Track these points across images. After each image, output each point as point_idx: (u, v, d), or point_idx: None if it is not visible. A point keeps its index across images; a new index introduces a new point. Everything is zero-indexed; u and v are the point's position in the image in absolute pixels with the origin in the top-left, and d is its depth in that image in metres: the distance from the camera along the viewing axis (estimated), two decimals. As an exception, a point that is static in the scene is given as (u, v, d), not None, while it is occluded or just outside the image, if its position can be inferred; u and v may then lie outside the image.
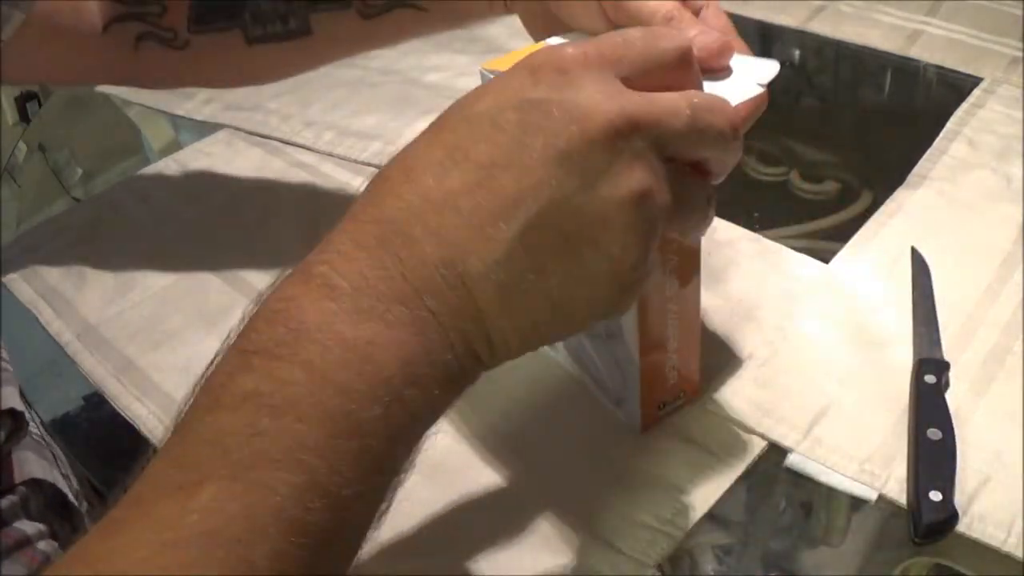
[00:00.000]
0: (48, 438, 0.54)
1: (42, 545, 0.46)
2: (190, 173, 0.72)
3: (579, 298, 0.35)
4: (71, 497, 0.51)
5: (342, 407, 0.31)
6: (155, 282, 0.63)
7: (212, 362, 0.33)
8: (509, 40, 0.80)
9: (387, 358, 0.32)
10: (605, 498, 0.46)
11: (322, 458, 0.30)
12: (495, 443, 0.50)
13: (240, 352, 0.32)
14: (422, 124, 0.36)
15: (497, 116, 0.34)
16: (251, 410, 0.30)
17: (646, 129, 0.34)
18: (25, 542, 0.45)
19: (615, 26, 0.44)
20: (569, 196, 0.33)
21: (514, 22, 0.52)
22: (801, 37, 0.81)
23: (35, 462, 0.49)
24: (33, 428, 0.52)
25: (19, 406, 0.47)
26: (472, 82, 0.38)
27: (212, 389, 0.32)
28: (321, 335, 0.31)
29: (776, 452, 0.48)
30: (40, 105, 1.59)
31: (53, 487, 0.49)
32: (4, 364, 0.49)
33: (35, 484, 0.48)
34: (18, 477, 0.47)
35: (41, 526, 0.47)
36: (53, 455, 0.53)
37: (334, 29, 0.56)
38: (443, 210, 0.33)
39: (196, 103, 0.79)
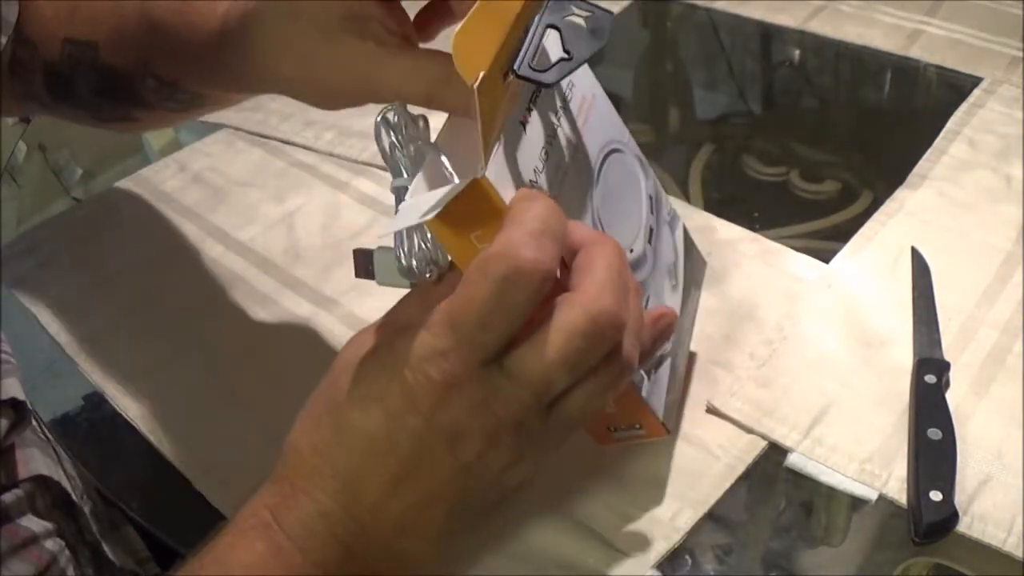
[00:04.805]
0: (50, 437, 0.54)
1: (49, 544, 0.46)
2: (190, 173, 0.72)
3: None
4: (75, 496, 0.51)
5: None
6: (155, 281, 0.63)
7: None
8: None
9: None
10: (605, 498, 0.46)
11: None
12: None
13: None
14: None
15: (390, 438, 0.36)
16: None
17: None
18: (32, 540, 0.45)
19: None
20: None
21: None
22: (801, 37, 0.81)
23: (40, 459, 0.49)
24: (36, 426, 0.52)
25: (21, 396, 0.47)
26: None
27: None
28: None
29: (776, 452, 0.48)
30: (40, 105, 1.58)
31: (58, 485, 0.49)
32: (6, 356, 0.49)
33: (41, 481, 0.48)
34: (23, 473, 0.47)
35: (48, 524, 0.46)
36: (56, 453, 0.53)
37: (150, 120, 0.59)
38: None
39: (196, 103, 0.79)
